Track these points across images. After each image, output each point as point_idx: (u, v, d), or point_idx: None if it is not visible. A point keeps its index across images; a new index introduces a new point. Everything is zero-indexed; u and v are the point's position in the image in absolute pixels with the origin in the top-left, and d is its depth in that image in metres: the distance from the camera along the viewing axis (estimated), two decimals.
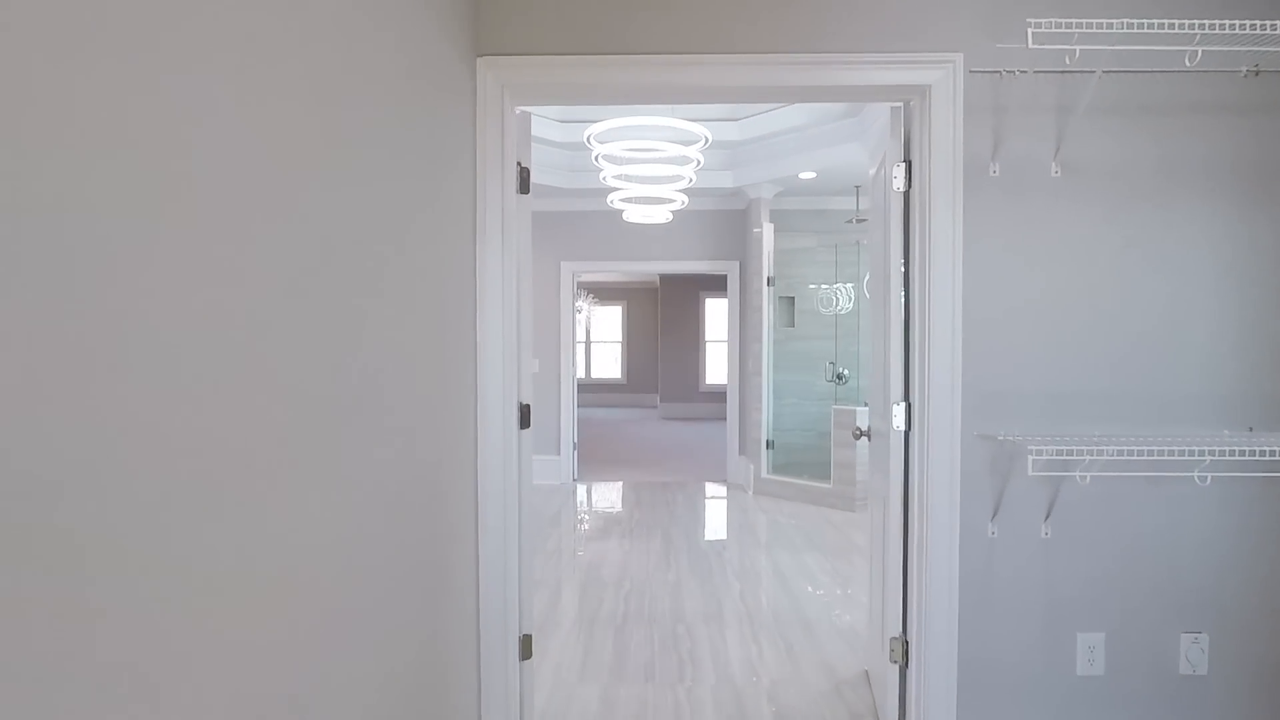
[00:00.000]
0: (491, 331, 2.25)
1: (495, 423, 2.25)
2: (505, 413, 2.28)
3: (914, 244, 2.29)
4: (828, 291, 7.07)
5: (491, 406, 2.25)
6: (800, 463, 6.98)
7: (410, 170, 1.73)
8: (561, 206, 7.16)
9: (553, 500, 6.43)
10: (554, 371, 7.21)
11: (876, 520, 2.76)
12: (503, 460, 2.27)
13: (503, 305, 2.26)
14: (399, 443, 1.63)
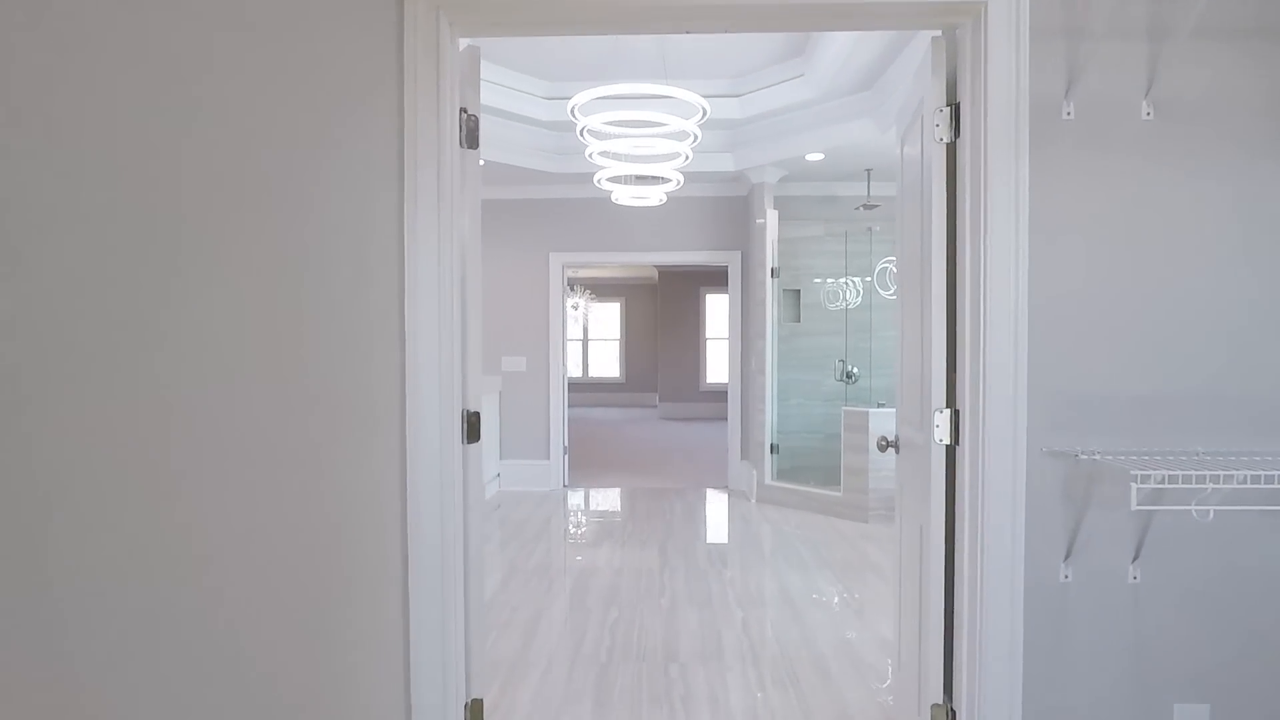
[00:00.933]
0: (424, 323, 1.76)
1: (430, 436, 1.77)
2: (445, 423, 1.79)
3: (963, 210, 1.81)
4: (833, 286, 6.58)
5: (425, 416, 1.77)
6: (806, 468, 6.50)
7: (291, 111, 1.25)
8: (549, 194, 6.68)
9: (540, 509, 5.95)
10: (543, 370, 6.73)
11: (907, 549, 2.28)
12: (440, 481, 1.78)
13: (440, 289, 1.78)
14: (260, 471, 1.15)
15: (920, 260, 2.07)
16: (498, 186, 6.57)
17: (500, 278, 6.72)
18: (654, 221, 6.69)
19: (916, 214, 2.14)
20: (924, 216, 2.03)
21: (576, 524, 5.49)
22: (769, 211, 6.02)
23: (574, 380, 15.37)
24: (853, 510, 5.49)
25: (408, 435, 1.74)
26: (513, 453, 6.74)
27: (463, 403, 1.87)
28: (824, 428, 6.60)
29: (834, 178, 6.32)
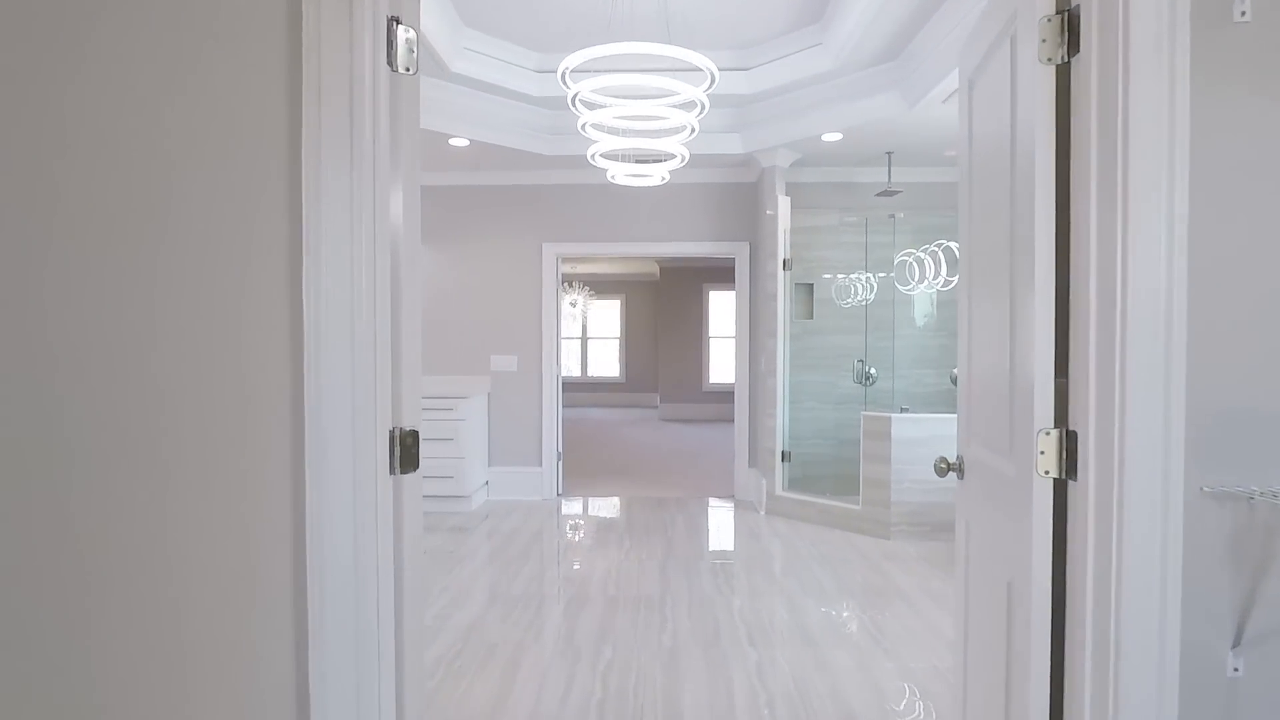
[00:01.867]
0: (333, 311, 1.26)
1: (341, 464, 1.27)
2: (362, 448, 1.29)
3: (1084, 156, 1.31)
4: (844, 281, 6.09)
5: (333, 437, 1.26)
6: (820, 476, 6.00)
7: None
8: (542, 179, 6.17)
9: (530, 521, 5.45)
10: (535, 370, 6.23)
11: (981, 611, 1.78)
12: (355, 528, 1.28)
13: (358, 270, 1.27)
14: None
15: (1005, 233, 1.57)
16: (484, 171, 6.07)
17: (488, 270, 6.22)
18: (655, 209, 6.18)
19: (996, 174, 1.64)
20: (1012, 174, 1.53)
21: (569, 540, 4.99)
22: (780, 198, 5.51)
23: (572, 380, 14.89)
24: (873, 525, 4.99)
25: (307, 468, 1.23)
26: (502, 459, 6.24)
27: (392, 419, 1.37)
28: (838, 433, 6.11)
29: (851, 162, 5.82)
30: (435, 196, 6.19)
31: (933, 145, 5.33)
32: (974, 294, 1.85)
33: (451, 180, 6.16)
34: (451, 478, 5.67)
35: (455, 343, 6.24)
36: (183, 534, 1.17)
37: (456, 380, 6.22)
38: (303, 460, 1.24)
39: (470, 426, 5.72)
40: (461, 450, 5.66)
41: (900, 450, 4.86)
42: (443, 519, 5.54)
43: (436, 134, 5.03)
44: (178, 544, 1.17)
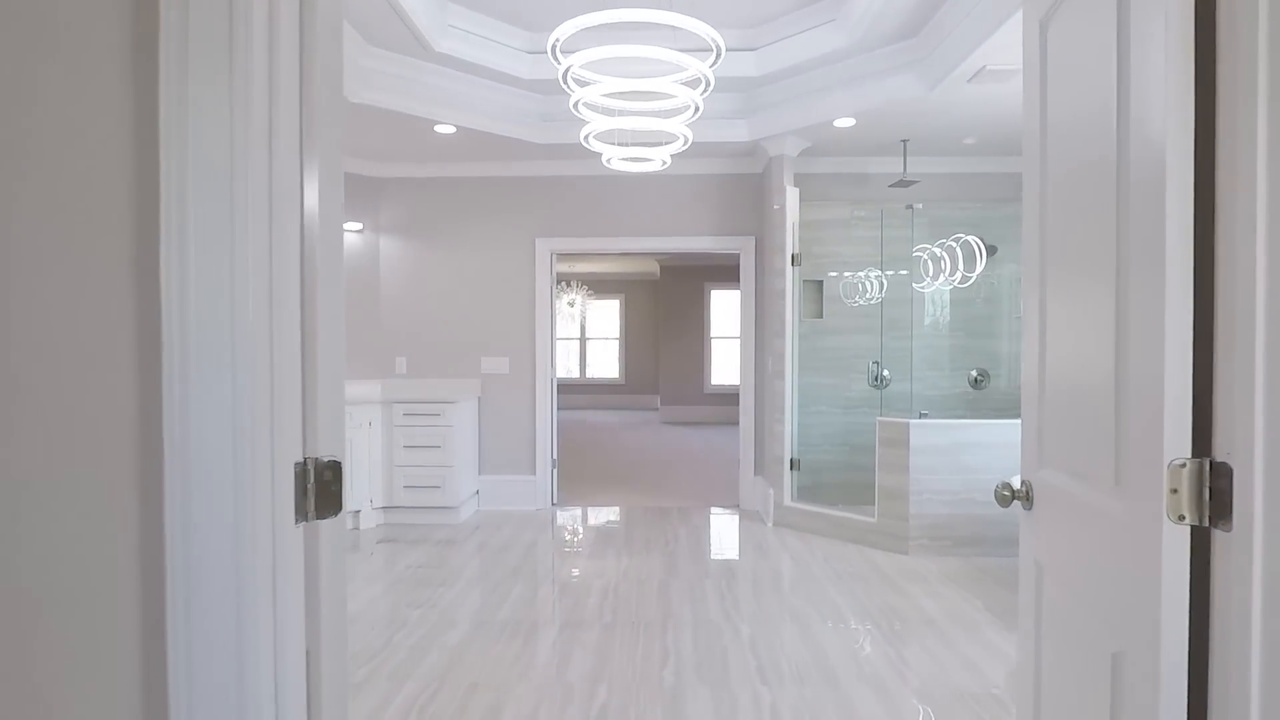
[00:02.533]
0: (206, 300, 0.91)
1: (217, 512, 0.92)
2: (251, 487, 0.94)
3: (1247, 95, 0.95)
4: (851, 280, 5.74)
5: (213, 471, 0.91)
6: (830, 485, 5.66)
7: None
8: (534, 170, 5.83)
9: (523, 534, 5.10)
10: (527, 373, 5.88)
11: (1057, 675, 1.43)
12: (246, 599, 0.93)
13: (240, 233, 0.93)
14: None
15: (1106, 213, 1.22)
16: (472, 161, 5.72)
17: (477, 267, 5.87)
18: (655, 202, 5.84)
19: (1090, 136, 1.29)
20: (1119, 132, 1.18)
21: (563, 555, 4.64)
22: (789, 189, 5.17)
23: (571, 382, 14.55)
24: (889, 540, 4.64)
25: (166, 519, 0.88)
26: (493, 467, 5.89)
27: (303, 448, 1.02)
28: (850, 439, 5.76)
29: (864, 151, 5.47)
30: (420, 189, 5.85)
31: (952, 131, 4.98)
32: (1049, 288, 1.50)
33: (437, 171, 5.81)
34: (438, 488, 5.33)
35: (443, 344, 5.89)
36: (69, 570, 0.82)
37: (444, 384, 5.88)
38: (163, 496, 0.89)
39: (458, 433, 5.38)
40: (449, 458, 5.31)
41: (919, 459, 4.52)
42: (429, 531, 5.19)
43: (420, 120, 4.69)
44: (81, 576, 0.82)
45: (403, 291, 5.88)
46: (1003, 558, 4.46)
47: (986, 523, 4.50)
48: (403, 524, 5.38)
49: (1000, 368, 5.87)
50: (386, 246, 5.87)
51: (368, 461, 5.26)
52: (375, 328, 5.85)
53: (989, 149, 5.44)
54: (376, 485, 5.32)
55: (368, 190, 5.78)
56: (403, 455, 5.32)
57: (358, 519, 5.25)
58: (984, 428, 4.50)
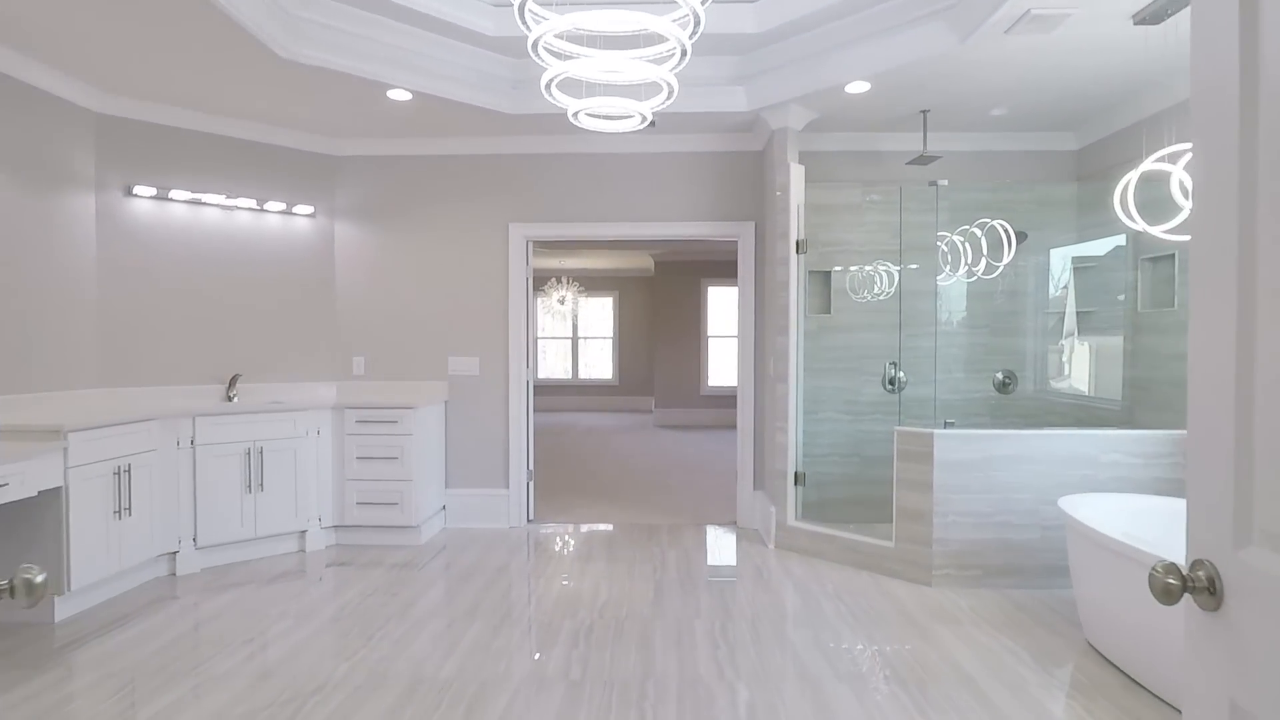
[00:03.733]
0: None
1: None
2: None
3: None
4: (858, 273, 5.13)
5: None
6: (838, 501, 5.05)
7: None
8: (507, 147, 5.20)
9: (490, 557, 4.48)
10: (500, 374, 5.26)
11: None
12: None
13: None
14: None
15: None
16: (434, 137, 5.09)
17: (443, 256, 5.25)
18: (644, 184, 5.22)
19: None
20: None
21: (533, 584, 4.02)
22: (793, 166, 4.55)
23: (563, 383, 13.95)
24: (910, 568, 4.01)
25: None
26: (461, 480, 5.27)
27: None
28: (861, 449, 5.15)
29: (877, 124, 4.85)
30: (379, 169, 5.23)
31: (979, 100, 4.37)
32: (1263, 283, 0.87)
33: (398, 149, 5.19)
34: (395, 505, 4.70)
35: (405, 342, 5.27)
36: None
37: (405, 387, 5.25)
38: None
39: (420, 442, 4.75)
40: (408, 471, 4.69)
41: (945, 475, 3.90)
42: (385, 554, 4.57)
43: (370, 83, 4.07)
44: None
45: (361, 283, 5.26)
46: (1040, 590, 3.85)
47: (1022, 550, 3.88)
48: (357, 545, 4.76)
49: (1026, 369, 5.25)
50: (342, 233, 5.25)
51: (316, 475, 4.64)
52: (329, 324, 5.23)
53: (1018, 122, 4.82)
54: (326, 501, 4.70)
55: (320, 170, 5.15)
56: (355, 468, 4.70)
57: (303, 540, 4.62)
58: (1021, 440, 3.88)
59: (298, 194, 5.05)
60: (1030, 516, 3.89)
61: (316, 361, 5.16)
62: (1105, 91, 4.25)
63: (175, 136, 4.56)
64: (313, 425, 4.61)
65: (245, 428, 4.35)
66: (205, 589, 3.97)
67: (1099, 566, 2.98)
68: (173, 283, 4.60)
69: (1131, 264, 4.55)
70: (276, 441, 4.46)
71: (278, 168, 4.96)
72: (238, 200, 4.77)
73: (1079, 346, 5.17)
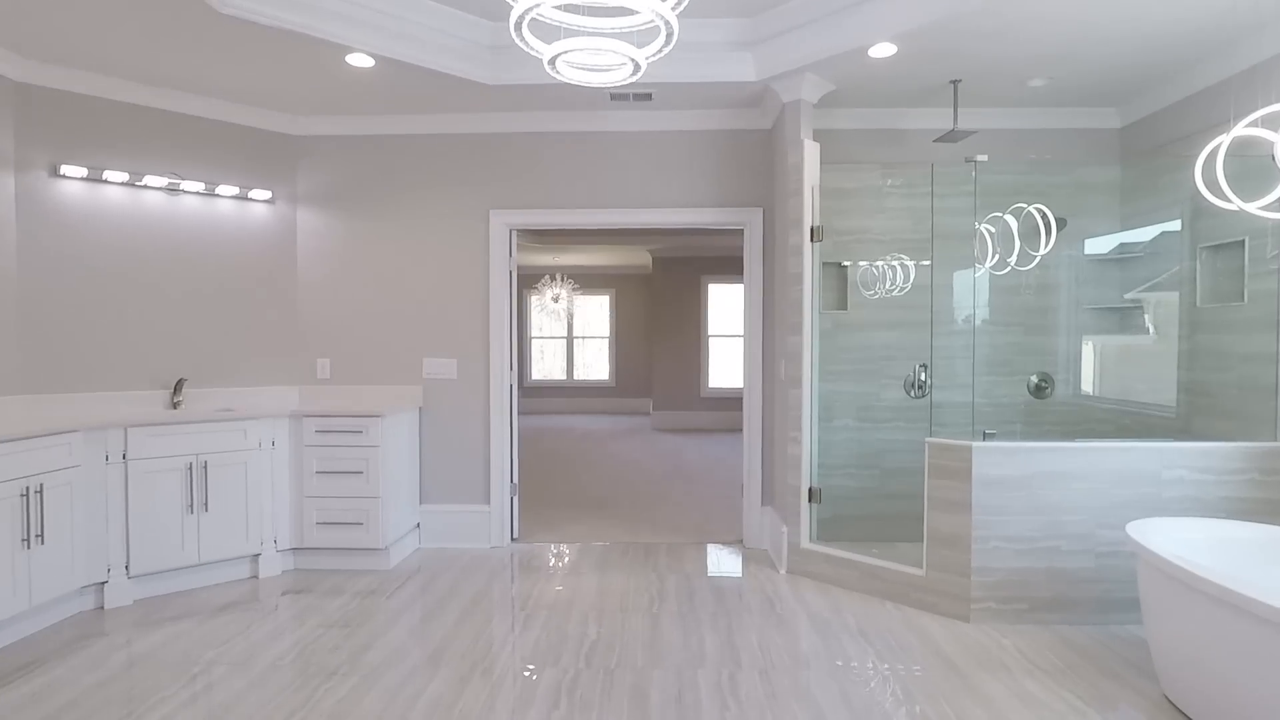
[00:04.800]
0: None
1: None
2: None
3: None
4: (870, 267, 4.63)
5: None
6: (856, 518, 4.55)
7: None
8: (487, 125, 4.68)
9: (466, 584, 3.97)
10: (480, 377, 4.74)
11: None
12: None
13: None
14: None
15: None
16: (407, 113, 4.57)
17: (416, 247, 4.74)
18: (640, 166, 4.70)
19: None
20: None
21: (511, 620, 3.50)
22: (807, 143, 4.04)
23: (559, 384, 13.46)
24: (944, 600, 3.50)
25: None
26: (438, 494, 4.76)
27: None
28: (881, 460, 4.65)
29: (901, 98, 4.34)
30: (346, 150, 4.71)
31: (1017, 66, 3.86)
32: None
33: (366, 127, 4.67)
34: (360, 525, 4.18)
35: (375, 343, 4.75)
36: None
37: (374, 392, 4.74)
38: None
39: (389, 454, 4.24)
40: (374, 487, 4.17)
41: (986, 494, 3.39)
42: (350, 580, 4.06)
43: (326, 44, 3.55)
44: None
45: (325, 277, 4.74)
46: (1094, 626, 3.34)
47: (1074, 581, 3.38)
48: (318, 569, 4.25)
49: (1060, 371, 4.75)
50: (305, 221, 4.73)
51: (270, 492, 4.12)
52: (290, 322, 4.71)
53: (1057, 96, 4.31)
54: (282, 521, 4.18)
55: (280, 150, 4.63)
56: (315, 483, 4.18)
57: (256, 565, 4.10)
58: (1070, 454, 3.38)
59: (254, 177, 4.53)
60: (1082, 542, 3.38)
61: (276, 364, 4.65)
62: (1159, 59, 3.74)
63: (110, 110, 4.04)
64: (266, 436, 4.09)
65: (187, 439, 3.83)
66: (138, 624, 3.46)
67: (1187, 610, 2.47)
68: (108, 275, 4.08)
69: (1189, 253, 4.05)
70: (224, 455, 3.94)
71: (231, 147, 4.44)
72: (184, 183, 4.25)
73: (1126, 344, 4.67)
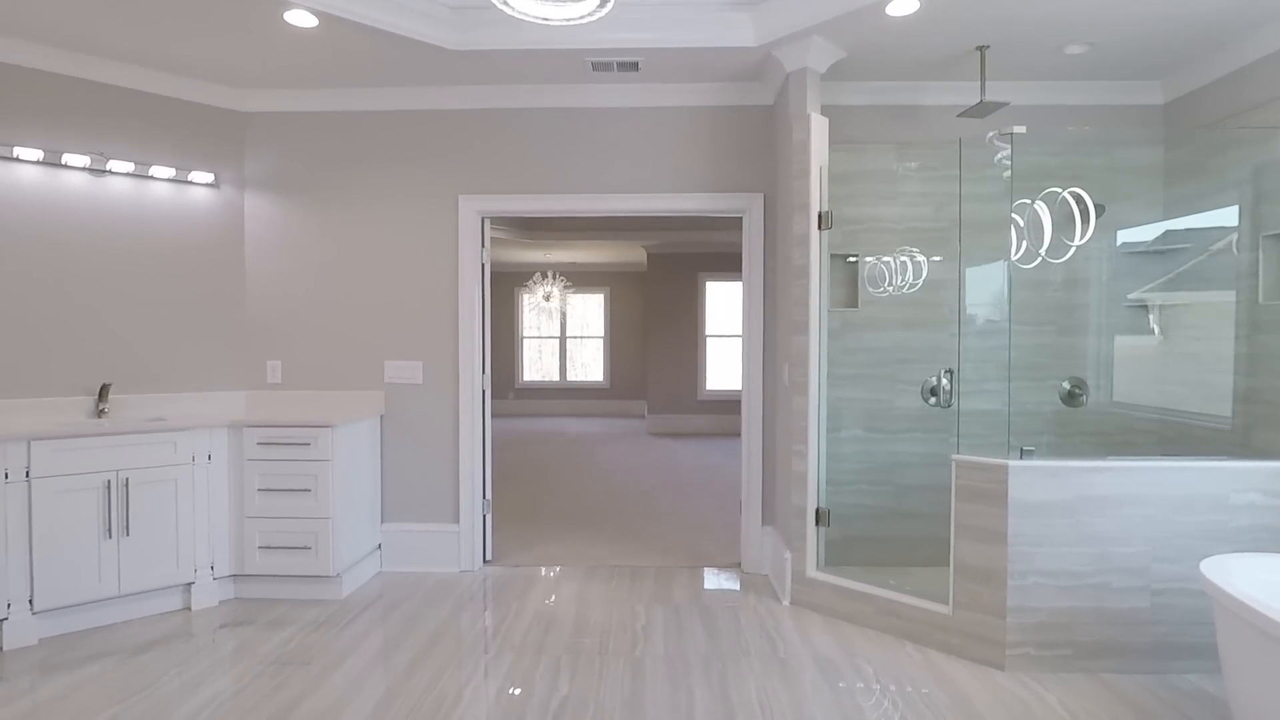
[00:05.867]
0: None
1: None
2: None
3: None
4: (875, 263, 4.15)
5: None
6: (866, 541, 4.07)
7: None
8: (455, 99, 4.19)
9: (426, 618, 3.48)
10: (449, 381, 4.26)
11: None
12: None
13: None
14: None
15: None
16: (365, 86, 4.07)
17: (375, 238, 4.25)
18: (628, 146, 4.22)
19: None
20: None
21: (471, 667, 3.01)
22: (814, 117, 3.55)
23: (551, 386, 13.00)
24: (974, 644, 3.02)
25: None
26: (401, 512, 4.27)
27: None
28: (894, 476, 4.17)
29: (920, 69, 3.85)
30: (297, 128, 4.22)
31: (1054, 30, 3.38)
32: None
33: (315, 102, 4.18)
34: (308, 549, 3.70)
35: (332, 343, 4.27)
36: None
37: (331, 399, 4.25)
38: None
39: (341, 469, 3.75)
40: (324, 506, 3.69)
41: (1025, 521, 2.91)
42: (297, 611, 3.57)
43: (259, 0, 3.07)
44: None
45: (277, 270, 4.25)
46: (1151, 675, 2.86)
47: (1127, 623, 2.90)
48: (263, 599, 3.76)
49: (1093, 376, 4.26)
50: (254, 207, 4.24)
51: (206, 512, 3.63)
52: (237, 320, 4.22)
53: (1094, 67, 3.83)
54: (220, 546, 3.69)
55: (223, 128, 4.14)
56: (257, 502, 3.70)
57: (188, 595, 3.62)
58: (1127, 474, 2.90)
59: (194, 158, 4.04)
60: (1136, 577, 2.90)
61: (221, 367, 4.16)
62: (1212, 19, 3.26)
63: (22, 79, 3.56)
64: (201, 448, 3.61)
65: (106, 454, 3.35)
66: (42, 667, 2.98)
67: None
68: (17, 266, 3.59)
69: (1250, 243, 3.57)
70: (150, 470, 3.46)
71: (167, 124, 3.96)
72: (111, 162, 3.76)
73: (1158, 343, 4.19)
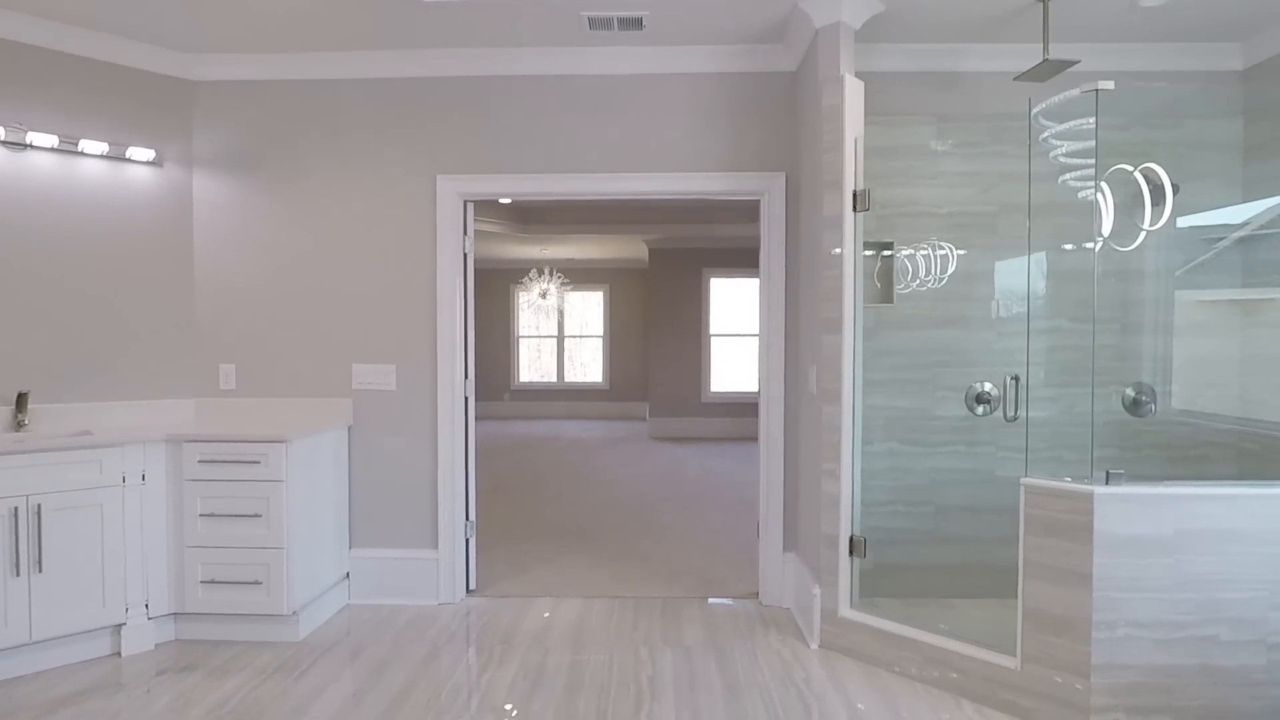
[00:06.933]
0: None
1: None
2: None
3: None
4: (906, 255, 3.65)
5: None
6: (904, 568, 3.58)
7: None
8: (432, 65, 3.67)
9: (398, 663, 2.97)
10: (426, 388, 3.74)
11: None
12: None
13: None
14: None
15: None
16: (329, 49, 3.54)
17: (342, 224, 3.73)
18: (629, 119, 3.70)
19: None
20: None
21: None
22: (848, 80, 3.03)
23: (549, 387, 12.50)
24: (1050, 707, 2.50)
25: None
26: (372, 536, 3.76)
27: None
28: (935, 496, 3.65)
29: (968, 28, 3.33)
30: (253, 98, 3.70)
31: None
32: None
33: (273, 69, 3.66)
34: (259, 584, 3.18)
35: (292, 345, 3.75)
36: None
37: (291, 407, 3.73)
38: None
39: (297, 491, 3.24)
40: (277, 534, 3.17)
41: (1114, 561, 2.39)
42: (246, 656, 3.06)
43: None
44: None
45: (229, 261, 3.74)
46: None
47: (1238, 683, 2.38)
48: (208, 641, 3.25)
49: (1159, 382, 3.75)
50: (204, 189, 3.72)
51: (139, 542, 3.12)
52: (184, 318, 3.70)
53: (1169, 25, 3.32)
54: (157, 580, 3.18)
55: (168, 98, 3.63)
56: (200, 530, 3.18)
57: (118, 636, 3.10)
58: (1239, 502, 2.38)
59: (133, 131, 3.53)
60: (1251, 629, 2.39)
61: (165, 371, 3.65)
62: None
63: None
64: (133, 468, 3.09)
65: (13, 476, 2.83)
66: None
67: None
68: None
69: None
70: (69, 494, 2.94)
71: (101, 92, 3.44)
72: (31, 135, 3.25)
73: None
